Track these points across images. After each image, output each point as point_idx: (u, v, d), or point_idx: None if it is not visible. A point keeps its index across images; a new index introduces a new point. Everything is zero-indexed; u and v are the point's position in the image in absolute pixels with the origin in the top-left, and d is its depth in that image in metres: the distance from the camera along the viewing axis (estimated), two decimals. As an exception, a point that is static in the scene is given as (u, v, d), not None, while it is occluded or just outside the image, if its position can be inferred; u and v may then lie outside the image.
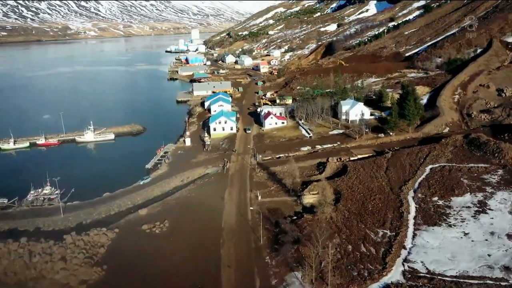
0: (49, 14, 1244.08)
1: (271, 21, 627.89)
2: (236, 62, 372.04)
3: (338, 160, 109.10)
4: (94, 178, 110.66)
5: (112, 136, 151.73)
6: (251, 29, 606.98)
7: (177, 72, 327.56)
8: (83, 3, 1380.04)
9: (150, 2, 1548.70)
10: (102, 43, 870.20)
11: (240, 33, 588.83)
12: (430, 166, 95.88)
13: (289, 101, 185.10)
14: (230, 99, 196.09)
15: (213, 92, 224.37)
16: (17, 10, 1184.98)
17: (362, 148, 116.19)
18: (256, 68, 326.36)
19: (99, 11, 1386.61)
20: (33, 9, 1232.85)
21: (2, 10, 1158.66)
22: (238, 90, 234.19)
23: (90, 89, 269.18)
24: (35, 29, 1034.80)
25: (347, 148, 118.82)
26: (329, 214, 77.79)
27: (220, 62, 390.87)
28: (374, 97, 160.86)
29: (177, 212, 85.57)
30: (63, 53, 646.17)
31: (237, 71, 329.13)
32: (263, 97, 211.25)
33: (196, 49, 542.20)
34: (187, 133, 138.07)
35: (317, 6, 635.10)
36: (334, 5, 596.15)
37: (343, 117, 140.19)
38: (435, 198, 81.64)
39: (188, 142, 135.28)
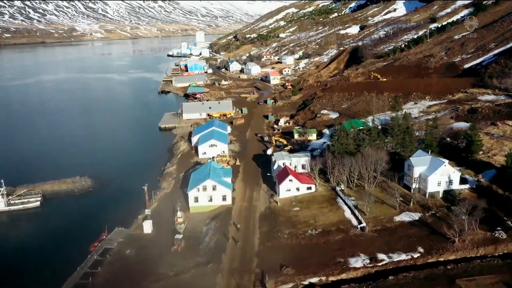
0: (56, 15, 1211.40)
1: (282, 23, 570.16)
2: (241, 71, 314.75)
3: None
4: None
5: (37, 202, 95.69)
6: (260, 31, 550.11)
7: (171, 83, 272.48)
8: (90, 4, 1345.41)
9: (158, 3, 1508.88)
10: (108, 45, 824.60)
11: (248, 35, 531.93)
12: None
13: (313, 136, 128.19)
14: (228, 130, 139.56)
15: (209, 115, 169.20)
16: (24, 12, 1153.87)
17: (478, 278, 57.65)
18: (265, 78, 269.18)
19: (106, 12, 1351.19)
20: (40, 10, 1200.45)
21: (8, 11, 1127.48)
22: (241, 112, 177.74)
23: (55, 108, 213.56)
24: (39, 31, 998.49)
25: (443, 265, 60.90)
26: None
27: (223, 70, 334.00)
28: (449, 140, 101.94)
29: None
30: (61, 57, 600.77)
31: (242, 82, 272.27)
32: (275, 125, 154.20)
33: (200, 53, 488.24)
34: (147, 211, 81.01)
35: (333, 6, 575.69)
36: (352, 4, 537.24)
37: (414, 185, 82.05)
38: None
39: (147, 227, 78.47)
